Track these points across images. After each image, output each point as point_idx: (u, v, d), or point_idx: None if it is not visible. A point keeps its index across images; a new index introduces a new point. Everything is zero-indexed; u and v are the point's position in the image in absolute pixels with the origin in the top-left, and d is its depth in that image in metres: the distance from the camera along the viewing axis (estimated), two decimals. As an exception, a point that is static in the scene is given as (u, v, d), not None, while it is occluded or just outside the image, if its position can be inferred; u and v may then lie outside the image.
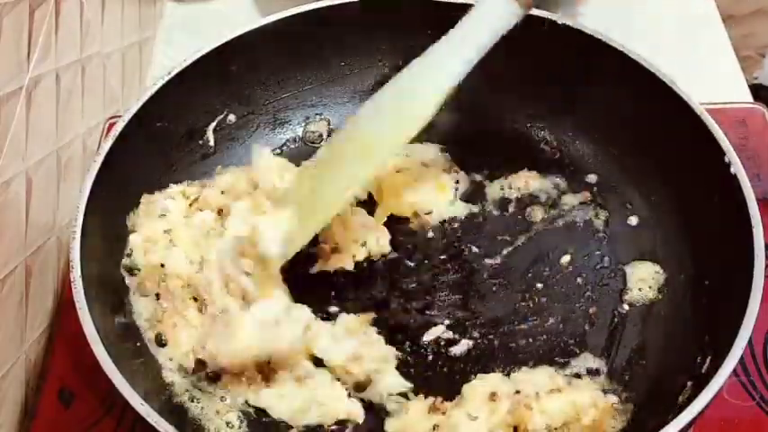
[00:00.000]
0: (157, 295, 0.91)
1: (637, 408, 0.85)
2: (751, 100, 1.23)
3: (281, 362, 0.87)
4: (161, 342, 0.89)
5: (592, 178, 1.05)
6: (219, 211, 0.96)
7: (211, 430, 0.85)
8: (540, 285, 0.96)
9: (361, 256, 0.97)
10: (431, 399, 0.86)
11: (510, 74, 1.07)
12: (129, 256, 0.93)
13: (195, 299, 0.91)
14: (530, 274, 0.97)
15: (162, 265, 0.92)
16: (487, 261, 0.99)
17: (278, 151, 1.09)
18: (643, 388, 0.87)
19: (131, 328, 0.89)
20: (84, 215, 0.85)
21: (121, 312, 0.90)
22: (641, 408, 0.85)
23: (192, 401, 0.86)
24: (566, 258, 0.98)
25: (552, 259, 0.98)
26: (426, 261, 0.99)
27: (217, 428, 0.85)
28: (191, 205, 0.97)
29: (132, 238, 0.93)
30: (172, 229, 0.94)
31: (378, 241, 0.98)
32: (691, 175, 0.94)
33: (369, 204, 1.01)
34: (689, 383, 0.81)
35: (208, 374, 0.87)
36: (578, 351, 0.91)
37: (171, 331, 0.88)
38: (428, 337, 0.93)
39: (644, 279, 0.95)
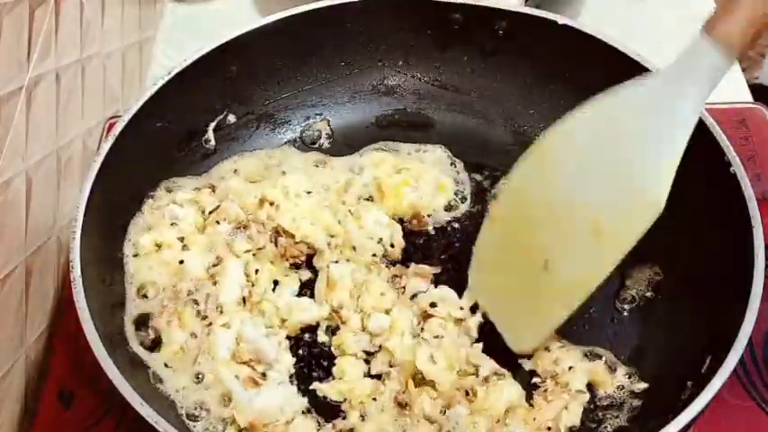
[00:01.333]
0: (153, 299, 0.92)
1: (637, 407, 0.85)
2: (751, 100, 1.23)
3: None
4: (155, 341, 0.89)
5: (592, 178, 1.05)
6: (238, 227, 0.96)
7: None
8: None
9: (378, 253, 0.97)
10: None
11: (510, 74, 1.07)
12: (136, 256, 0.93)
13: (196, 302, 0.91)
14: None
15: (181, 262, 0.93)
16: (487, 261, 0.99)
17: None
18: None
19: (130, 328, 0.89)
20: (84, 215, 0.85)
21: (121, 312, 0.90)
22: (641, 407, 0.85)
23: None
24: (566, 258, 0.98)
25: (552, 259, 0.98)
26: (426, 261, 0.99)
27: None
28: (210, 213, 0.98)
29: (142, 240, 0.94)
30: (185, 237, 0.95)
31: (392, 236, 0.98)
32: (691, 175, 0.94)
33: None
34: (689, 383, 0.81)
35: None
36: (578, 351, 0.91)
37: (165, 329, 0.88)
38: (428, 337, 0.93)
39: (643, 279, 0.95)
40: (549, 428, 0.83)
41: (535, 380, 0.88)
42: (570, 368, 0.87)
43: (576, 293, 0.83)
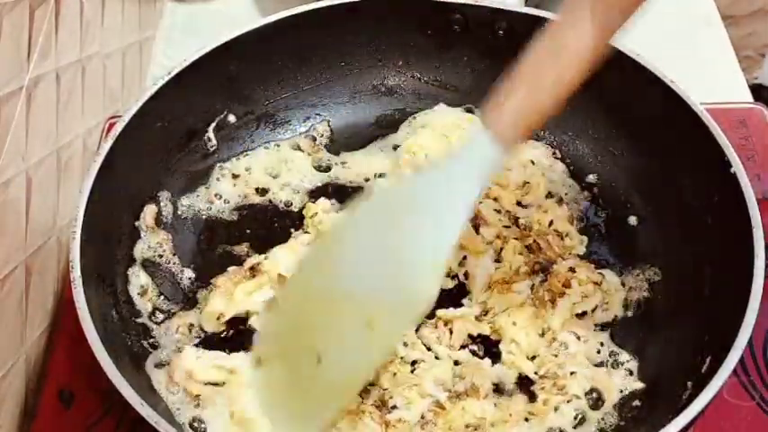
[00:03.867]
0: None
1: (636, 407, 0.85)
2: (751, 100, 1.23)
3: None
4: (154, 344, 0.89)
5: (592, 178, 1.05)
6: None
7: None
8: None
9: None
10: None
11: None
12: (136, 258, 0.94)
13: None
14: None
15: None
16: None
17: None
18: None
19: (132, 327, 0.89)
20: (84, 215, 0.85)
21: (121, 312, 0.90)
22: (641, 407, 0.85)
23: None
24: (566, 258, 0.98)
25: (552, 259, 0.98)
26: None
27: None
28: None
29: (140, 245, 0.95)
30: None
31: None
32: (691, 175, 0.94)
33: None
34: (689, 383, 0.81)
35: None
36: (578, 351, 0.91)
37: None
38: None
39: (643, 279, 0.95)
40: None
41: (533, 377, 0.88)
42: (572, 373, 0.86)
43: (345, 390, 0.78)
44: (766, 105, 1.17)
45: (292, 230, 1.00)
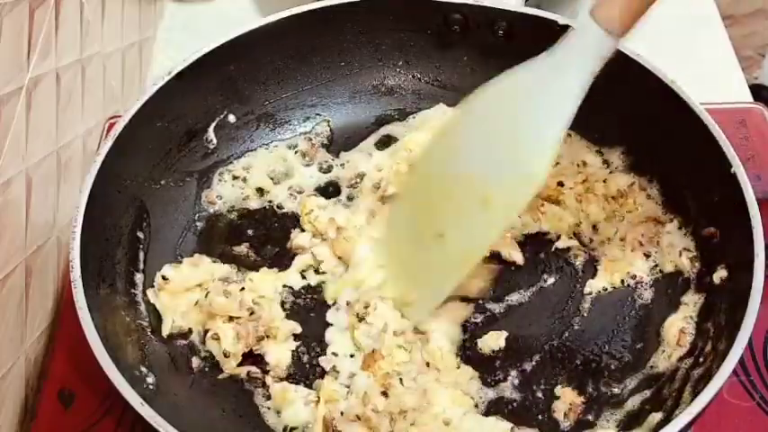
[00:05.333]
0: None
1: (636, 408, 0.85)
2: (751, 100, 1.23)
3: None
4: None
5: (592, 178, 1.05)
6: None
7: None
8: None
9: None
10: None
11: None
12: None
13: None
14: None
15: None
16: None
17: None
18: (643, 388, 0.87)
19: (132, 328, 0.89)
20: (84, 215, 0.85)
21: (121, 312, 0.90)
22: (641, 408, 0.85)
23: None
24: (565, 258, 0.99)
25: (552, 259, 0.99)
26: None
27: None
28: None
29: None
30: None
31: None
32: (691, 175, 0.94)
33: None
34: (689, 383, 0.81)
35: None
36: (578, 351, 0.91)
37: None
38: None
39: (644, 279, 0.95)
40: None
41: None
42: None
43: (464, 263, 0.86)
44: (766, 105, 1.17)
45: (292, 230, 1.01)
